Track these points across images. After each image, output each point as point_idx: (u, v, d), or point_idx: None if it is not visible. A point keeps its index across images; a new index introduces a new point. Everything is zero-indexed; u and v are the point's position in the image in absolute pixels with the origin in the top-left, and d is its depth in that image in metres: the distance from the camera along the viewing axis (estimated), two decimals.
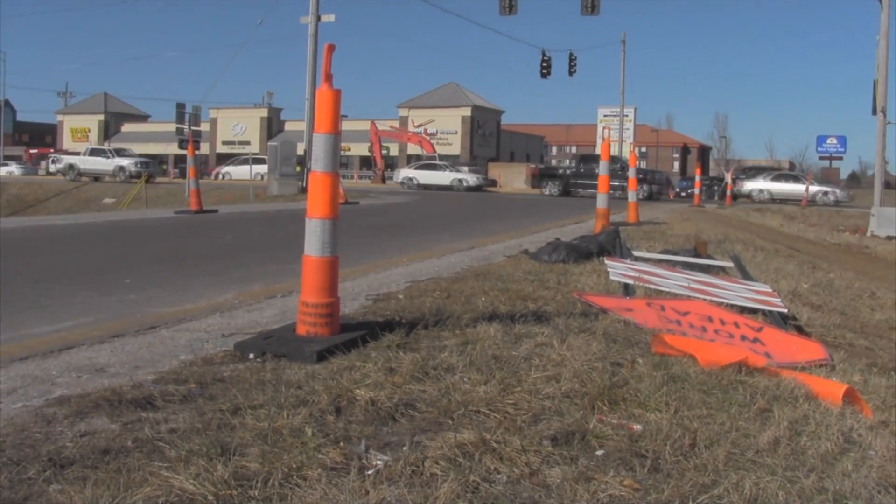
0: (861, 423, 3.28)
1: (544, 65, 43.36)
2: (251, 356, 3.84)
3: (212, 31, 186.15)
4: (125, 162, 44.60)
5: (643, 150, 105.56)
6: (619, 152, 52.22)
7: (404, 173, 48.33)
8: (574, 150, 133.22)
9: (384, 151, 64.73)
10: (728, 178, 39.20)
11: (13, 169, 63.33)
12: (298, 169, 29.88)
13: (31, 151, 77.65)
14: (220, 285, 6.58)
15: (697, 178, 31.89)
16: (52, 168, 65.68)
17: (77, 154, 49.78)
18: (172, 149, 52.48)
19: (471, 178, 46.37)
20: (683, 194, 47.78)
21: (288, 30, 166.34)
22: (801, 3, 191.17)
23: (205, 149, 69.16)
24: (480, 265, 7.66)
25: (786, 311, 6.03)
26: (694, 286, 6.34)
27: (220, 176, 56.21)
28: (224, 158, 71.32)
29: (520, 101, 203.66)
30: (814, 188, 39.44)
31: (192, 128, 31.24)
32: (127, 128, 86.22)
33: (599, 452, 2.70)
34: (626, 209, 15.74)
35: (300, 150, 31.21)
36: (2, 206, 37.31)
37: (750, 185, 40.56)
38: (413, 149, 68.18)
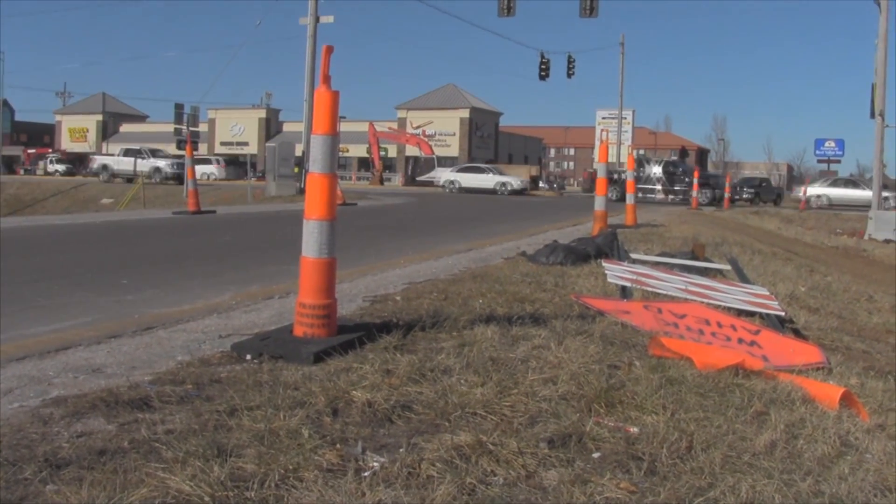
0: (858, 427, 3.28)
1: (543, 67, 43.40)
2: (248, 357, 3.84)
3: (210, 31, 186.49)
4: (161, 163, 43.37)
5: (642, 152, 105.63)
6: (618, 155, 52.29)
7: (446, 176, 47.42)
8: (572, 152, 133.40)
9: (382, 153, 64.77)
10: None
11: None
12: (296, 170, 29.88)
13: (30, 151, 77.56)
14: (218, 286, 6.57)
15: (695, 181, 31.86)
16: (52, 168, 65.62)
17: (112, 155, 48.30)
18: (171, 149, 52.26)
19: (514, 182, 45.52)
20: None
21: (287, 31, 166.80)
22: (799, 6, 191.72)
23: (203, 149, 69.20)
24: (478, 267, 7.65)
25: (783, 314, 6.03)
26: (691, 289, 6.34)
27: None
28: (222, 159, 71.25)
29: (518, 103, 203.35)
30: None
31: (191, 128, 31.26)
32: (125, 128, 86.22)
33: (596, 455, 2.70)
34: (625, 211, 15.74)
35: (298, 151, 31.23)
36: (0, 205, 37.28)
37: (808, 191, 39.91)
38: (411, 150, 68.28)
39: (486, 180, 45.65)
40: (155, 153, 45.63)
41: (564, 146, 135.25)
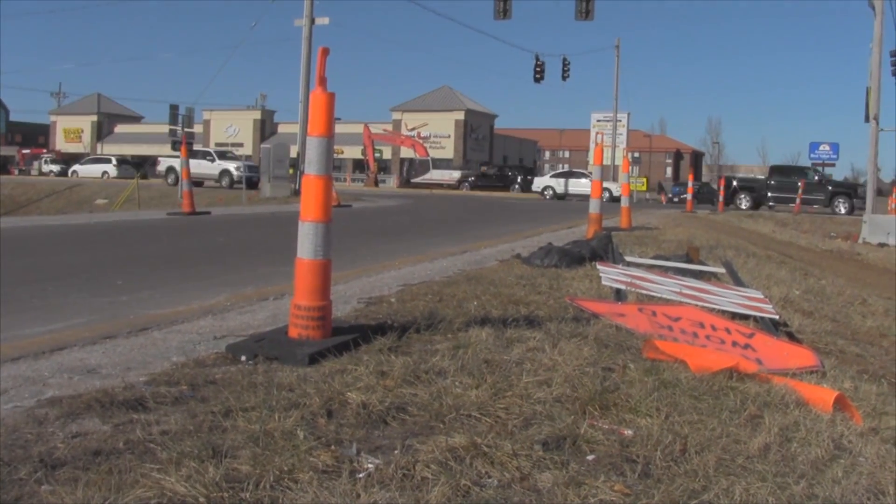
0: (851, 430, 3.29)
1: (537, 69, 43.36)
2: (243, 358, 3.84)
3: (206, 32, 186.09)
4: (231, 166, 40.66)
5: (636, 155, 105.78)
6: (612, 158, 52.30)
7: (543, 182, 45.48)
8: (567, 154, 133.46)
9: (377, 155, 64.72)
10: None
11: None
12: (291, 171, 29.85)
13: (24, 151, 77.37)
14: (213, 287, 6.57)
15: (690, 184, 31.92)
16: (47, 168, 65.46)
17: (169, 157, 44.04)
18: (166, 150, 51.42)
19: (615, 189, 42.31)
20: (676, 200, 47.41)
21: (282, 32, 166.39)
22: (794, 9, 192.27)
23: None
24: (473, 269, 7.66)
25: (777, 317, 6.05)
26: (686, 292, 6.36)
27: (71, 174, 55.18)
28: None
29: (513, 106, 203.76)
30: None
31: (186, 129, 31.11)
32: (120, 129, 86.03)
33: (590, 457, 2.71)
34: (620, 214, 15.77)
35: (293, 152, 31.19)
36: None
37: None
38: (406, 152, 68.25)
39: (588, 186, 43.67)
40: (223, 155, 42.72)
41: (559, 149, 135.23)
